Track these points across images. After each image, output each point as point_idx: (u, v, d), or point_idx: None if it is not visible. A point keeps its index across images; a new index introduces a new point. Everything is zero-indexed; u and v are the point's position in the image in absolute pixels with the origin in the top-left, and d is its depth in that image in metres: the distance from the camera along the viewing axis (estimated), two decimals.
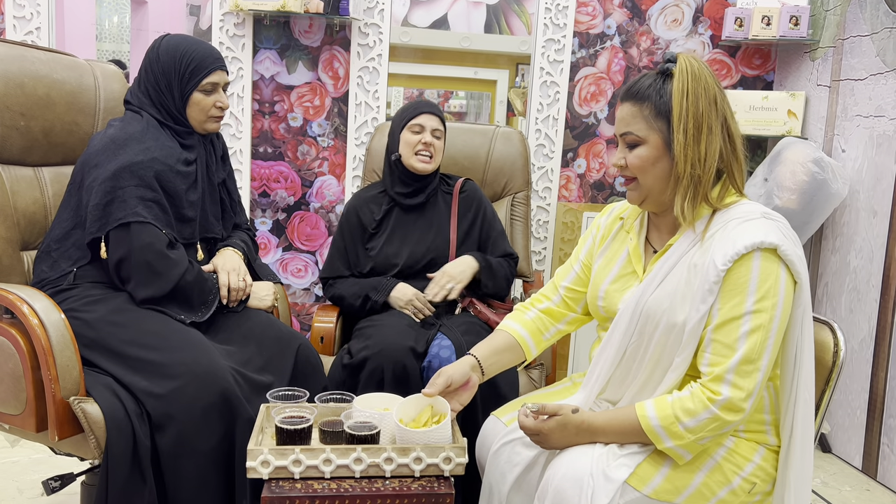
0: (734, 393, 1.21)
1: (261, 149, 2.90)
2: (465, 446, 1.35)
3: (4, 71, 1.73)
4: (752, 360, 1.22)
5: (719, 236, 1.27)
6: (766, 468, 1.32)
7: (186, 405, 1.49)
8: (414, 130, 2.08)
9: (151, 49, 1.77)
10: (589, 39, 2.97)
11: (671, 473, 1.26)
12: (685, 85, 1.27)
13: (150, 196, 1.66)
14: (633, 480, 1.24)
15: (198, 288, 1.71)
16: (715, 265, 1.24)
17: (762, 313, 1.22)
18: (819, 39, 2.85)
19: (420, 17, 3.52)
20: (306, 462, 1.30)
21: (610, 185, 3.08)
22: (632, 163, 1.32)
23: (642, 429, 1.25)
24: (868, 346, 2.54)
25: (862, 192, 2.61)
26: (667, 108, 1.28)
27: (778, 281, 1.23)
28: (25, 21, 2.67)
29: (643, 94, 1.31)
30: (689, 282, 1.29)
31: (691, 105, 1.27)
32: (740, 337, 1.22)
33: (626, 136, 1.33)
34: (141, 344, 1.57)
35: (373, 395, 1.51)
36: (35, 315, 1.48)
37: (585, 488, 1.21)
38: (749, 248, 1.22)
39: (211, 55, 1.77)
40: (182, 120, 1.78)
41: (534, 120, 2.94)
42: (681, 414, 1.23)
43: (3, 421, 1.56)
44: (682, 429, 1.23)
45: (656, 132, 1.30)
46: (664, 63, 1.31)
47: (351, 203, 2.18)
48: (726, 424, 1.23)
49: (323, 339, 2.00)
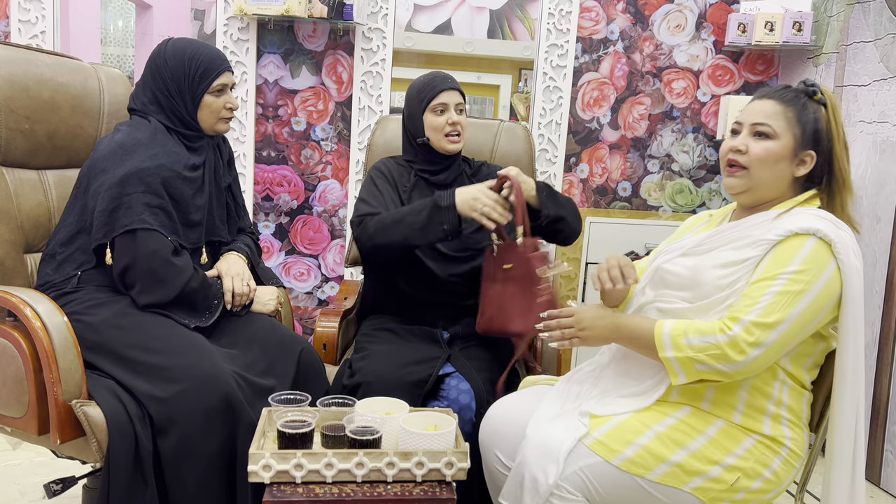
0: (743, 335, 1.27)
1: (264, 153, 2.91)
2: (467, 451, 1.35)
3: (9, 74, 1.73)
4: (771, 314, 1.27)
5: (786, 217, 1.36)
6: (752, 462, 1.33)
7: (189, 409, 1.49)
8: (437, 111, 1.92)
9: (157, 54, 1.77)
10: (592, 44, 2.97)
11: (644, 449, 1.30)
12: (836, 114, 1.39)
13: (157, 203, 1.66)
14: (602, 451, 1.29)
15: (202, 294, 1.71)
16: (769, 234, 1.33)
17: (796, 283, 1.28)
18: (822, 45, 2.85)
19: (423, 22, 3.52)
20: (308, 466, 1.30)
21: (613, 190, 3.08)
22: (756, 152, 1.38)
23: (653, 334, 1.33)
24: (871, 353, 2.53)
25: (866, 198, 2.61)
26: (807, 120, 1.37)
27: (824, 267, 1.29)
28: (31, 25, 2.68)
29: (790, 99, 1.39)
30: (735, 244, 1.38)
31: (842, 133, 1.39)
32: (768, 293, 1.28)
33: (760, 127, 1.38)
34: (144, 347, 1.57)
35: (375, 399, 1.51)
36: (38, 318, 1.48)
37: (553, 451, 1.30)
38: (805, 230, 1.30)
39: (218, 57, 1.78)
40: (193, 124, 1.78)
41: (537, 124, 2.94)
42: (691, 330, 1.30)
43: (5, 424, 1.56)
44: (685, 342, 1.30)
45: (791, 136, 1.37)
46: (808, 87, 1.40)
47: (383, 162, 2.03)
48: (725, 361, 1.27)
49: (326, 346, 1.95)
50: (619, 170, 3.06)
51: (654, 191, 3.09)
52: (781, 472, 1.35)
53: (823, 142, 1.38)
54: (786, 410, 1.36)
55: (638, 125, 3.05)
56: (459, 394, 1.67)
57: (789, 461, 1.36)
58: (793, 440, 1.36)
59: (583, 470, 1.30)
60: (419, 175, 1.99)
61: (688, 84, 3.04)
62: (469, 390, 1.67)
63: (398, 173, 1.99)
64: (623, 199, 3.09)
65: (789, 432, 1.36)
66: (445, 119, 1.91)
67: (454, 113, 1.92)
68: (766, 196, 1.41)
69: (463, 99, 1.97)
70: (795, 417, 1.38)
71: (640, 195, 3.09)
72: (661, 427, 1.33)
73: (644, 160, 3.07)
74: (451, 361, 1.76)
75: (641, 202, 3.09)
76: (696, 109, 3.06)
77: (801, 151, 1.38)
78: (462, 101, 1.96)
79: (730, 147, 1.41)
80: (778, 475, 1.35)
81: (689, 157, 3.09)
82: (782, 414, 1.36)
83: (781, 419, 1.36)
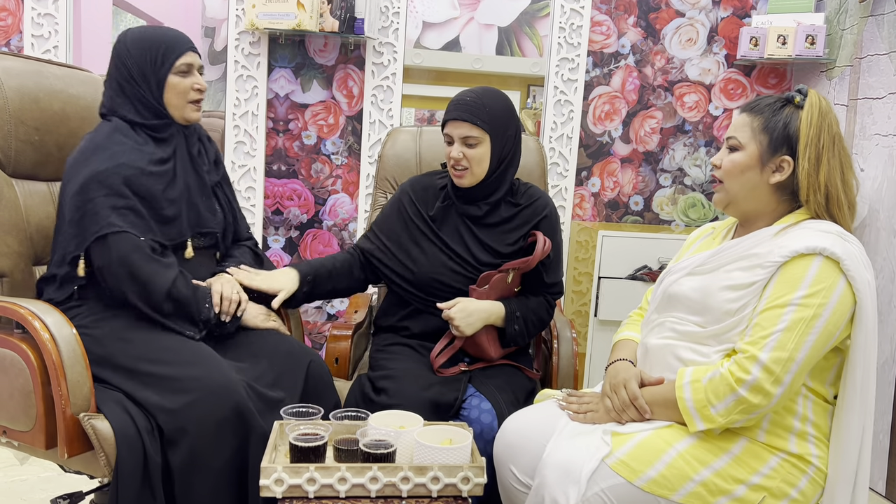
0: (763, 375, 1.24)
1: (275, 167, 2.90)
2: (483, 466, 1.32)
3: (20, 86, 1.73)
4: (786, 346, 1.24)
5: (790, 234, 1.33)
6: (778, 481, 1.29)
7: (199, 419, 1.47)
8: (446, 141, 1.82)
9: (118, 43, 1.71)
10: (603, 58, 2.97)
11: (668, 467, 1.27)
12: (812, 117, 1.34)
13: (123, 203, 1.60)
14: (624, 471, 1.27)
15: (188, 293, 1.64)
16: (773, 255, 1.30)
17: (807, 308, 1.25)
18: (836, 58, 2.83)
19: (432, 39, 3.54)
20: (321, 481, 1.27)
21: (625, 203, 3.05)
22: (724, 165, 1.41)
23: (679, 409, 1.31)
24: (890, 369, 2.48)
25: (882, 212, 2.58)
26: (775, 126, 1.36)
27: (833, 287, 1.26)
28: (43, 40, 2.69)
29: (759, 108, 1.39)
30: (740, 264, 1.36)
31: (814, 136, 1.34)
32: (780, 322, 1.26)
33: (730, 140, 1.41)
34: (151, 359, 1.55)
35: (389, 412, 1.48)
36: (46, 330, 1.47)
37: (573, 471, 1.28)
38: (811, 250, 1.27)
39: (181, 37, 1.72)
40: (160, 110, 1.70)
41: (548, 138, 2.93)
42: (712, 397, 1.28)
43: (13, 438, 1.54)
44: (713, 412, 1.28)
45: (756, 144, 1.37)
46: (794, 91, 1.38)
47: (406, 190, 1.95)
48: (754, 408, 1.26)
49: (338, 361, 1.91)
50: (631, 184, 3.04)
51: (667, 205, 3.07)
52: (808, 492, 1.31)
53: (808, 147, 1.35)
54: (811, 427, 1.33)
55: (650, 139, 3.03)
56: (481, 413, 1.63)
57: (816, 480, 1.32)
58: (819, 458, 1.33)
59: (605, 491, 1.27)
60: (451, 197, 1.88)
61: (700, 98, 3.02)
62: (491, 409, 1.64)
63: (423, 198, 1.91)
64: (635, 213, 3.06)
65: (816, 450, 1.32)
66: (449, 152, 1.81)
67: (457, 147, 1.78)
68: (749, 208, 1.41)
69: (480, 130, 1.76)
70: (821, 434, 1.34)
71: (653, 209, 3.06)
72: (684, 445, 1.30)
73: (656, 174, 3.05)
74: (471, 381, 1.74)
75: (654, 216, 3.07)
76: (708, 123, 3.04)
77: (771, 158, 1.36)
78: (475, 133, 1.76)
79: (711, 161, 1.46)
80: (805, 494, 1.31)
81: (701, 170, 3.07)
82: (808, 431, 1.32)
83: (807, 436, 1.32)
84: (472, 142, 1.77)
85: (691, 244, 1.58)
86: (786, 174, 1.36)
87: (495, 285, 1.80)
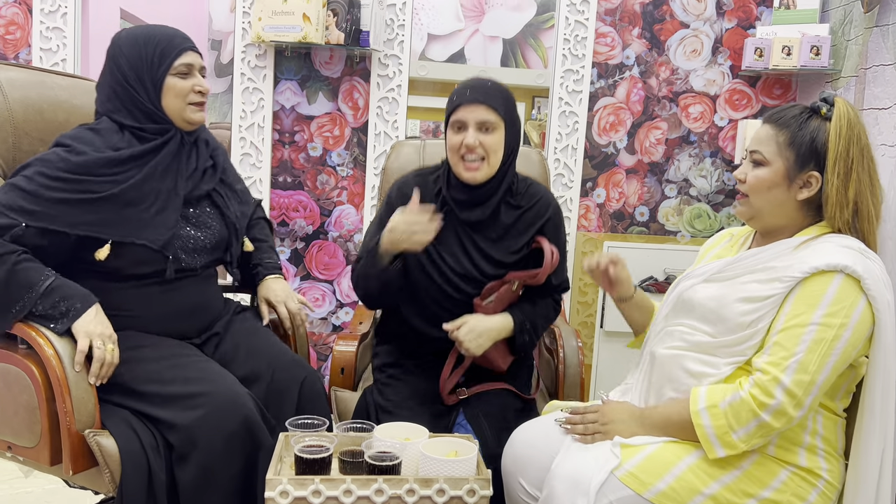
0: (787, 399, 1.22)
1: (280, 178, 2.91)
2: (489, 478, 1.31)
3: (24, 97, 1.72)
4: (807, 369, 1.22)
5: (811, 248, 1.30)
6: (788, 495, 1.28)
7: (210, 434, 1.45)
8: (455, 128, 1.66)
9: (112, 46, 1.61)
10: (608, 70, 2.97)
11: (678, 480, 1.25)
12: (841, 129, 1.29)
13: (29, 186, 1.48)
14: (633, 483, 1.25)
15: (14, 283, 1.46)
16: (793, 269, 1.27)
17: (828, 328, 1.22)
18: (841, 69, 2.83)
19: (437, 51, 3.55)
20: (326, 493, 1.26)
21: (630, 214, 3.04)
22: (749, 181, 1.36)
23: (694, 432, 1.28)
24: None
25: (889, 222, 2.56)
26: (802, 141, 1.31)
27: (854, 307, 1.23)
28: (52, 53, 2.71)
29: (785, 121, 1.34)
30: (757, 276, 1.33)
31: (843, 150, 1.29)
32: (802, 344, 1.23)
33: (754, 154, 1.37)
34: (157, 380, 1.52)
35: (394, 424, 1.47)
36: (50, 346, 1.46)
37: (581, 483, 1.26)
38: (832, 267, 1.24)
39: (179, 35, 1.61)
40: (158, 114, 1.59)
41: (552, 150, 2.93)
42: (733, 422, 1.25)
43: (18, 453, 1.53)
44: (735, 438, 1.25)
45: (782, 160, 1.33)
46: (819, 101, 1.33)
47: (399, 187, 1.82)
48: (774, 431, 1.25)
49: (343, 371, 1.90)
50: (637, 194, 3.04)
51: (672, 216, 3.06)
52: None
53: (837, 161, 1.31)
54: (821, 441, 1.31)
55: (655, 150, 3.02)
56: None
57: (826, 494, 1.31)
58: (829, 472, 1.31)
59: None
60: (450, 204, 1.74)
61: (704, 108, 3.02)
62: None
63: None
64: (640, 223, 3.05)
65: (825, 464, 1.31)
66: (460, 140, 1.65)
67: (472, 133, 1.63)
68: (774, 222, 1.37)
69: (497, 114, 1.64)
70: (831, 448, 1.33)
71: (658, 220, 3.06)
72: (694, 458, 1.28)
73: (661, 185, 3.04)
74: (465, 408, 1.71)
75: (659, 227, 3.06)
76: (713, 134, 3.04)
77: (799, 174, 1.32)
78: (492, 117, 1.64)
79: (735, 175, 1.41)
80: None
81: (706, 181, 3.06)
82: (818, 445, 1.31)
83: (817, 450, 1.31)
84: (488, 127, 1.64)
85: (708, 251, 1.56)
86: (814, 190, 1.32)
87: (502, 297, 1.75)
